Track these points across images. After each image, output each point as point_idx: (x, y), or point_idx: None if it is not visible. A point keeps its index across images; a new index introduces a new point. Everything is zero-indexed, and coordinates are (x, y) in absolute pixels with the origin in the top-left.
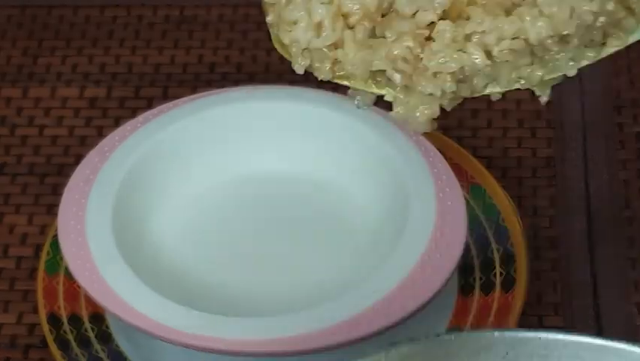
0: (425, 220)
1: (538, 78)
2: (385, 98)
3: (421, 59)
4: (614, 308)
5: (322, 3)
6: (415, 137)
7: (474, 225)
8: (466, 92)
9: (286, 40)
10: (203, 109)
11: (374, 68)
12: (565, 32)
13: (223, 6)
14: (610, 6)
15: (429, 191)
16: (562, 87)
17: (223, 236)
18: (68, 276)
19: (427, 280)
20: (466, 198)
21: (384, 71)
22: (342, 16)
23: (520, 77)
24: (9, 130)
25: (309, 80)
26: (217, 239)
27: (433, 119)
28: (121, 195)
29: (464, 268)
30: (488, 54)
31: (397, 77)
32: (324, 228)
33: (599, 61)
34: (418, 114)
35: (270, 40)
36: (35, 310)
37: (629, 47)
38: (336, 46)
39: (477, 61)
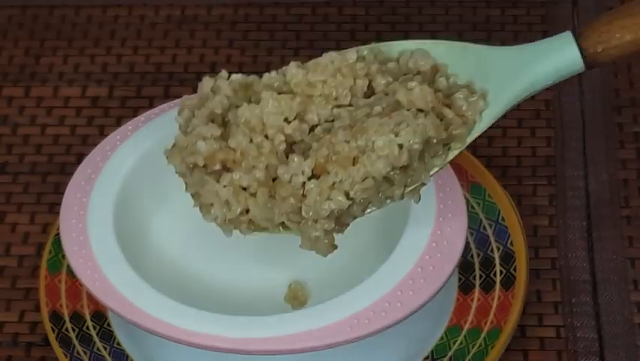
0: (425, 220)
1: (400, 194)
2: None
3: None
4: (613, 307)
5: (225, 186)
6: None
7: (474, 224)
8: (349, 220)
9: (209, 219)
10: None
11: (277, 222)
12: (403, 164)
13: (224, 6)
14: (431, 133)
15: (429, 191)
16: (561, 87)
17: (224, 235)
18: (70, 274)
19: (427, 279)
20: (466, 198)
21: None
22: (244, 189)
23: (387, 197)
24: (11, 129)
25: None
26: (218, 238)
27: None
28: (122, 194)
29: (464, 266)
30: (348, 195)
31: (293, 225)
32: None
33: None
34: (319, 245)
35: (271, 40)
36: (37, 309)
37: None
38: (247, 210)
39: (341, 204)
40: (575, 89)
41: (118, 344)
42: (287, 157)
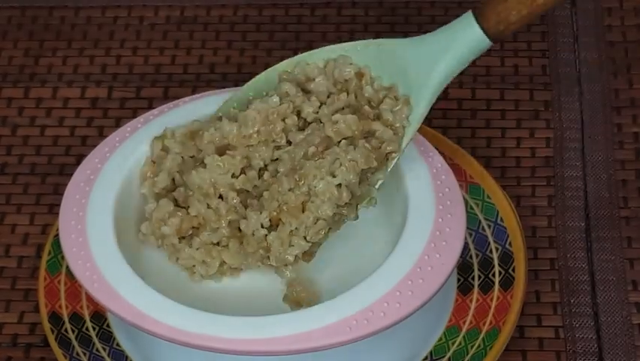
0: (424, 220)
1: (354, 216)
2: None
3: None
4: (612, 307)
5: (197, 249)
6: (414, 137)
7: (473, 224)
8: (316, 249)
9: (196, 279)
10: (204, 109)
11: (253, 266)
12: (345, 201)
13: (223, 7)
14: (362, 165)
15: (428, 191)
16: (561, 87)
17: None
18: (70, 275)
19: (426, 279)
20: (465, 198)
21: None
22: (217, 244)
23: (344, 220)
24: (10, 130)
25: None
26: None
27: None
28: (121, 195)
29: (463, 267)
30: (305, 238)
31: (268, 268)
32: None
33: (599, 61)
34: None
35: (270, 40)
36: (37, 310)
37: (627, 48)
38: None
39: (302, 247)
40: (575, 89)
41: (117, 344)
42: (246, 207)
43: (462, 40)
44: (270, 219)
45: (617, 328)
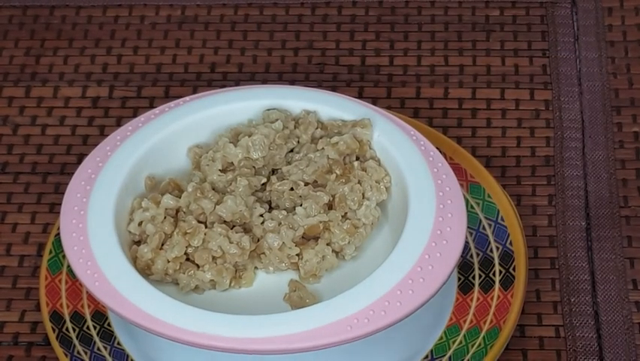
0: (425, 219)
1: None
2: None
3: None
4: (612, 306)
5: (205, 271)
6: (414, 136)
7: (473, 224)
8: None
9: (204, 288)
10: (204, 108)
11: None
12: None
13: (224, 6)
14: (381, 175)
15: (429, 190)
16: (561, 87)
17: None
18: (71, 274)
19: (426, 279)
20: (465, 198)
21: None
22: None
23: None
24: (12, 129)
25: (309, 79)
26: None
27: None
28: (122, 194)
29: (464, 266)
30: (337, 253)
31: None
32: None
33: (598, 60)
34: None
35: (271, 40)
36: (38, 308)
37: (627, 47)
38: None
39: (333, 264)
40: (575, 89)
41: (118, 343)
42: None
43: None
44: (303, 234)
45: (618, 327)
